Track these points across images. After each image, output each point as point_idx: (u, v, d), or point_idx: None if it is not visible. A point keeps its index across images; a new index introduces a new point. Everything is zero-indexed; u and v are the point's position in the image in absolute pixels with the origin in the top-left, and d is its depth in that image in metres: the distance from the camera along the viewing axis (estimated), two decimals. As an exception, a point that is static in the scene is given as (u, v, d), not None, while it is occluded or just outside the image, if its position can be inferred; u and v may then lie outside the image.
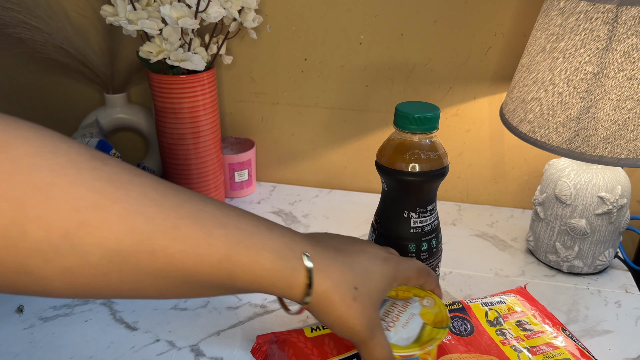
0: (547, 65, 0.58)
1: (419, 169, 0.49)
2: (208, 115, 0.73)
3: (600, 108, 0.55)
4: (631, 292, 0.65)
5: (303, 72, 0.83)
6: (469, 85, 0.79)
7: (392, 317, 0.43)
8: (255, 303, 0.62)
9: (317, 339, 0.50)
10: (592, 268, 0.67)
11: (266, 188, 0.90)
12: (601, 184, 0.63)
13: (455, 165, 0.85)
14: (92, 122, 0.80)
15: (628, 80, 0.53)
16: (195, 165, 0.75)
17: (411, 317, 0.43)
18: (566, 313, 0.61)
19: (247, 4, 0.71)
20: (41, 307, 0.60)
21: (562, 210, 0.65)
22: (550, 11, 0.59)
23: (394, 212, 0.52)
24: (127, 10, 0.67)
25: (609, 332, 0.59)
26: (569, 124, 0.57)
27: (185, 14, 0.65)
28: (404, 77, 0.81)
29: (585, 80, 0.55)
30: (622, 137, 0.54)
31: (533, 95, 0.60)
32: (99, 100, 0.91)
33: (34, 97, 0.93)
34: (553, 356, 0.49)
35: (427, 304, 0.44)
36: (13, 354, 0.54)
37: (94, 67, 0.83)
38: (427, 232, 0.52)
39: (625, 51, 0.52)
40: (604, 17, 0.53)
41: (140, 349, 0.55)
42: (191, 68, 0.68)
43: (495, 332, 0.52)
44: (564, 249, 0.67)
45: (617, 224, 0.65)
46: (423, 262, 0.53)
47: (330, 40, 0.80)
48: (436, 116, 0.50)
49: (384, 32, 0.78)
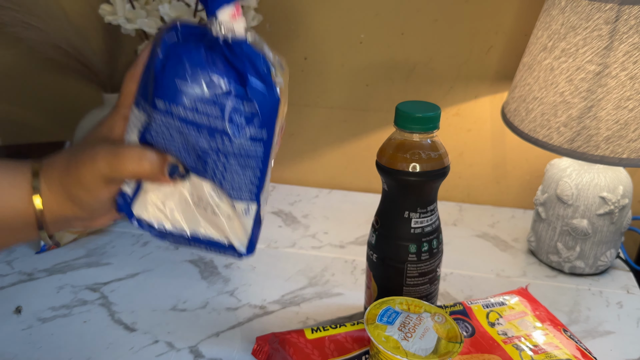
0: (549, 64, 0.58)
1: (420, 169, 0.49)
2: (207, 115, 0.73)
3: (602, 107, 0.54)
4: (633, 292, 0.65)
5: (303, 72, 0.83)
6: (470, 84, 0.79)
7: (408, 329, 0.44)
8: (254, 304, 0.62)
9: (317, 340, 0.50)
10: (593, 269, 0.67)
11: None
12: (603, 184, 0.62)
13: (456, 165, 0.84)
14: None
15: (630, 80, 0.53)
16: (195, 165, 0.74)
17: (426, 330, 0.44)
18: (567, 314, 0.61)
19: (246, 3, 0.71)
20: (40, 308, 0.60)
21: (564, 210, 0.65)
22: (551, 10, 0.58)
23: (394, 212, 0.52)
24: (125, 9, 0.67)
25: (611, 333, 0.58)
26: (570, 123, 0.56)
27: (184, 13, 0.65)
28: (405, 77, 0.80)
29: (587, 79, 0.55)
30: (624, 136, 0.54)
31: (534, 94, 0.60)
32: (98, 99, 0.91)
33: (32, 97, 0.92)
34: (555, 356, 0.48)
35: (439, 320, 0.46)
36: (11, 354, 0.54)
37: (93, 66, 0.83)
38: (428, 232, 0.52)
39: (627, 50, 0.52)
40: (606, 16, 0.52)
41: (139, 350, 0.55)
42: (190, 67, 0.68)
43: (497, 333, 0.51)
44: (566, 250, 0.66)
45: (618, 224, 0.64)
46: (423, 262, 0.53)
47: (330, 40, 0.80)
48: (437, 116, 0.49)
49: (384, 31, 0.78)
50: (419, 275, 0.53)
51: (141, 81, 0.37)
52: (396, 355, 0.41)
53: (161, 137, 0.36)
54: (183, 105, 0.35)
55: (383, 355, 0.42)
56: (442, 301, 0.63)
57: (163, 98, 0.35)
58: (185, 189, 0.39)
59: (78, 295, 0.63)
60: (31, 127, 0.95)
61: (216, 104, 0.35)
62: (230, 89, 0.35)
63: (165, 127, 0.36)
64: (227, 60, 0.35)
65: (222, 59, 0.35)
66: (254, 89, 0.36)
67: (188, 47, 0.35)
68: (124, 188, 0.38)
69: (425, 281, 0.54)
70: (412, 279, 0.53)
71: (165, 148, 0.37)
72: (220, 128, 0.35)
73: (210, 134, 0.35)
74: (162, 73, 0.34)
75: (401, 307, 0.47)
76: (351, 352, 0.49)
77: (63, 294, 0.63)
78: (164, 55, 0.35)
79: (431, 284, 0.55)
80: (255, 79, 0.36)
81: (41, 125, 0.95)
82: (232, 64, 0.35)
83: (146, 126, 0.36)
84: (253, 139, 0.36)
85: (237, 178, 0.37)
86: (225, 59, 0.35)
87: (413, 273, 0.53)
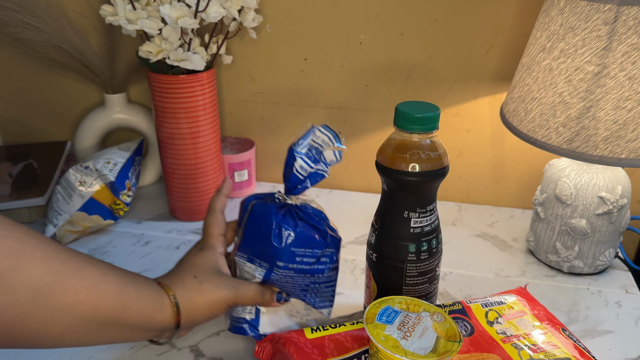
0: (548, 65, 0.58)
1: (419, 169, 0.49)
2: (208, 115, 0.73)
3: (600, 108, 0.55)
4: (631, 292, 0.65)
5: (303, 72, 0.83)
6: (470, 85, 0.79)
7: (408, 328, 0.45)
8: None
9: (317, 339, 0.50)
10: (592, 268, 0.67)
11: (266, 188, 0.90)
12: (601, 184, 0.63)
13: (456, 165, 0.84)
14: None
15: (628, 80, 0.53)
16: (195, 165, 0.75)
17: (425, 329, 0.45)
18: (566, 313, 0.61)
19: (247, 4, 0.71)
20: (41, 308, 0.60)
21: (563, 210, 0.65)
22: (550, 11, 0.59)
23: (394, 212, 0.52)
24: (126, 10, 0.67)
25: (610, 332, 0.58)
26: (569, 123, 0.57)
27: (185, 14, 0.65)
28: (404, 77, 0.80)
29: (586, 80, 0.55)
30: (622, 137, 0.54)
31: (533, 95, 0.60)
32: (99, 100, 0.91)
33: (33, 97, 0.93)
34: (554, 355, 0.49)
35: (438, 319, 0.46)
36: (13, 354, 0.54)
37: (94, 66, 0.83)
38: (427, 232, 0.52)
39: (625, 51, 0.52)
40: (605, 16, 0.52)
41: (140, 349, 0.55)
42: (191, 68, 0.68)
43: (496, 332, 0.52)
44: (565, 249, 0.66)
45: (617, 224, 0.64)
46: (423, 262, 0.53)
47: (330, 40, 0.80)
48: (436, 116, 0.49)
49: (384, 31, 0.78)
50: (418, 274, 0.53)
51: (245, 240, 0.51)
52: (395, 354, 0.41)
53: (275, 279, 0.51)
54: (295, 262, 0.50)
55: (382, 354, 0.43)
56: (442, 300, 0.63)
57: (284, 261, 0.49)
58: (284, 306, 0.54)
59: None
60: (32, 127, 0.95)
61: (314, 256, 0.50)
62: (320, 244, 0.50)
63: (279, 275, 0.50)
64: (311, 225, 0.50)
65: (309, 226, 0.50)
66: (332, 239, 0.51)
67: (289, 223, 0.49)
68: (245, 315, 0.52)
69: (425, 280, 0.54)
70: (411, 279, 0.53)
71: (281, 281, 0.51)
72: (316, 270, 0.50)
73: (310, 274, 0.51)
74: (281, 245, 0.49)
75: (400, 306, 0.47)
76: (351, 351, 0.49)
77: (64, 294, 0.63)
78: (278, 230, 0.49)
79: (430, 284, 0.55)
80: (331, 234, 0.51)
81: (42, 125, 0.95)
82: (314, 227, 0.50)
83: (266, 275, 0.50)
84: (332, 269, 0.52)
85: (323, 295, 0.53)
86: (310, 225, 0.50)
87: (412, 272, 0.53)
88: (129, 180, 0.76)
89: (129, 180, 0.76)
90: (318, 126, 0.51)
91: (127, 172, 0.76)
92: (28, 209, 0.77)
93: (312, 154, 0.50)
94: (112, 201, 0.74)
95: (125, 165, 0.76)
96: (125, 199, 0.75)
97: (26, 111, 0.94)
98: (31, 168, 0.84)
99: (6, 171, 0.83)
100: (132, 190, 0.76)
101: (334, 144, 0.51)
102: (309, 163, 0.50)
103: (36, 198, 0.76)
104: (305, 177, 0.50)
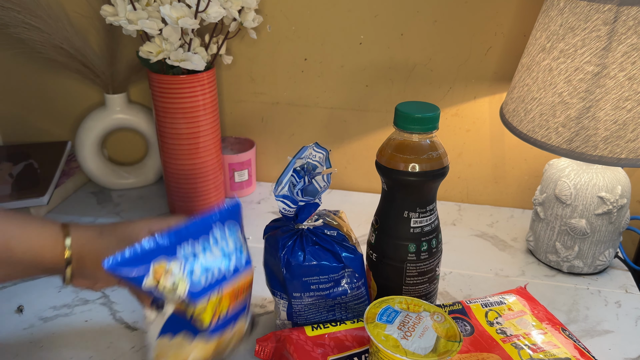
0: (547, 65, 0.58)
1: (419, 169, 0.49)
2: (208, 115, 0.73)
3: (600, 108, 0.55)
4: (631, 292, 0.65)
5: (303, 72, 0.83)
6: (469, 85, 0.79)
7: (408, 327, 0.45)
8: (254, 303, 0.62)
9: (317, 337, 0.50)
10: (592, 268, 0.67)
11: (266, 188, 0.90)
12: (601, 184, 0.63)
13: (455, 165, 0.85)
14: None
15: (628, 80, 0.53)
16: (195, 165, 0.75)
17: (425, 329, 0.45)
18: (566, 313, 0.61)
19: (247, 4, 0.71)
20: (41, 307, 0.60)
21: (562, 210, 0.65)
22: (550, 11, 0.59)
23: (394, 212, 0.52)
24: (127, 10, 0.67)
25: (609, 332, 0.58)
26: (569, 124, 0.57)
27: (185, 14, 0.65)
28: (404, 77, 0.81)
29: (586, 80, 0.55)
30: (622, 137, 0.54)
31: (533, 95, 0.60)
32: (99, 100, 0.91)
33: (33, 97, 0.93)
34: (553, 355, 0.49)
35: (438, 319, 0.46)
36: (13, 354, 0.54)
37: (94, 67, 0.83)
38: (427, 232, 0.52)
39: (625, 51, 0.52)
40: (604, 17, 0.53)
41: (140, 348, 0.55)
42: (191, 68, 0.68)
43: (496, 332, 0.52)
44: (564, 249, 0.67)
45: (617, 224, 0.64)
46: (422, 262, 0.53)
47: (330, 40, 0.80)
48: (436, 116, 0.50)
49: (384, 32, 0.78)
50: (418, 274, 0.53)
51: (267, 275, 0.53)
52: (395, 354, 0.41)
53: (297, 310, 0.52)
54: (311, 290, 0.51)
55: (382, 353, 0.43)
56: (442, 300, 0.63)
57: (299, 292, 0.51)
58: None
59: (79, 294, 0.63)
60: (32, 127, 0.95)
61: (330, 280, 0.51)
62: (334, 268, 0.50)
63: (300, 305, 0.52)
64: (324, 249, 0.50)
65: (322, 250, 0.50)
66: (348, 259, 0.51)
67: (296, 253, 0.50)
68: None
69: (425, 280, 0.54)
70: (411, 278, 0.53)
71: (304, 310, 0.53)
72: (336, 293, 0.51)
73: (332, 298, 0.52)
74: (292, 277, 0.50)
75: (400, 306, 0.47)
76: (351, 350, 0.49)
77: (64, 294, 0.63)
78: (285, 263, 0.50)
79: (430, 283, 0.55)
80: (346, 254, 0.51)
81: (42, 125, 0.95)
82: (327, 250, 0.50)
83: (289, 308, 0.53)
84: (357, 287, 0.52)
85: (355, 310, 0.54)
86: (323, 249, 0.50)
87: (412, 272, 0.53)
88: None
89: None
90: (311, 145, 0.51)
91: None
92: (28, 209, 0.77)
93: (296, 190, 0.50)
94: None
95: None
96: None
97: (27, 111, 0.94)
98: (32, 168, 0.84)
99: (7, 171, 0.83)
100: None
101: (323, 166, 0.51)
102: (290, 204, 0.49)
103: (37, 198, 0.76)
104: (296, 212, 0.50)
